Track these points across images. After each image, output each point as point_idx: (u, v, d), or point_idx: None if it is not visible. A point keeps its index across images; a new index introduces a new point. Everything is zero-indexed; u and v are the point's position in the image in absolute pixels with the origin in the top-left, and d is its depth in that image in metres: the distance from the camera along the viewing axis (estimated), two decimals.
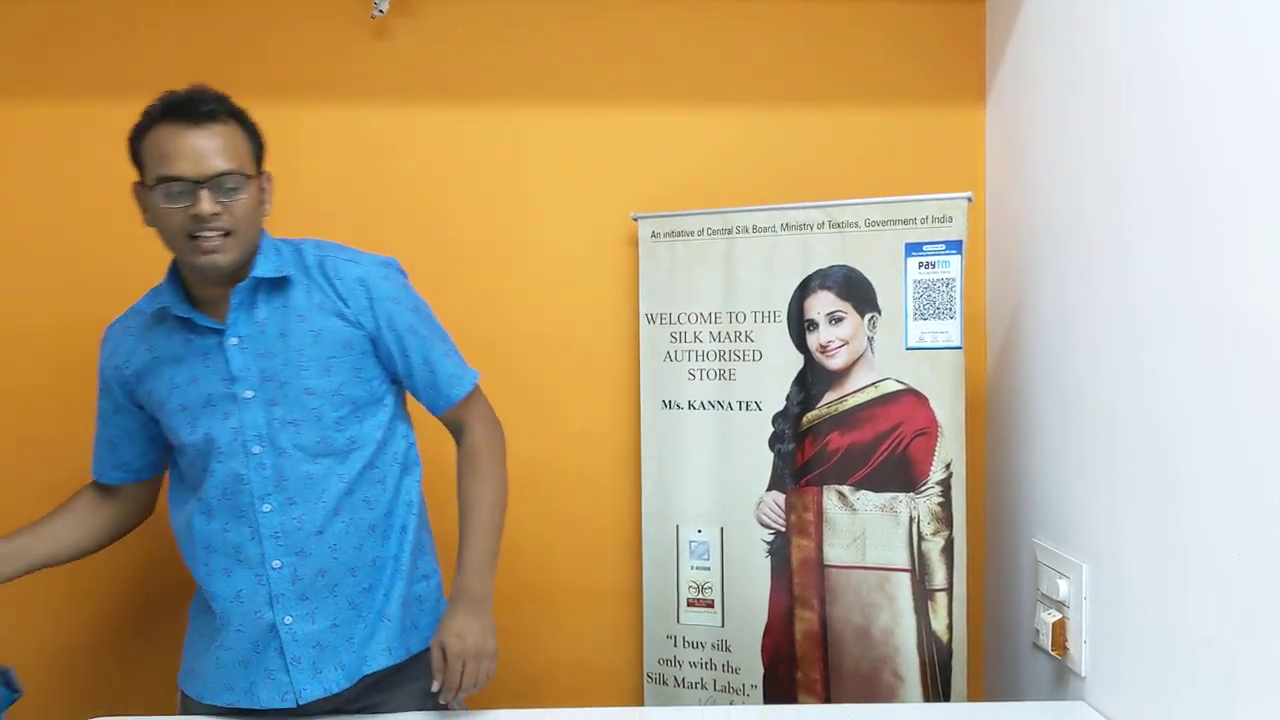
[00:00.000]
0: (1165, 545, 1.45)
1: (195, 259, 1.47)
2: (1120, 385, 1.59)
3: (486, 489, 1.65)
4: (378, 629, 1.59)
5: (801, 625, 2.02)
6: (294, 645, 1.54)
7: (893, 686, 1.95)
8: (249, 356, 1.53)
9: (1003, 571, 2.11)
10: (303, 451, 1.54)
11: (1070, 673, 1.75)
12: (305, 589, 1.54)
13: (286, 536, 1.53)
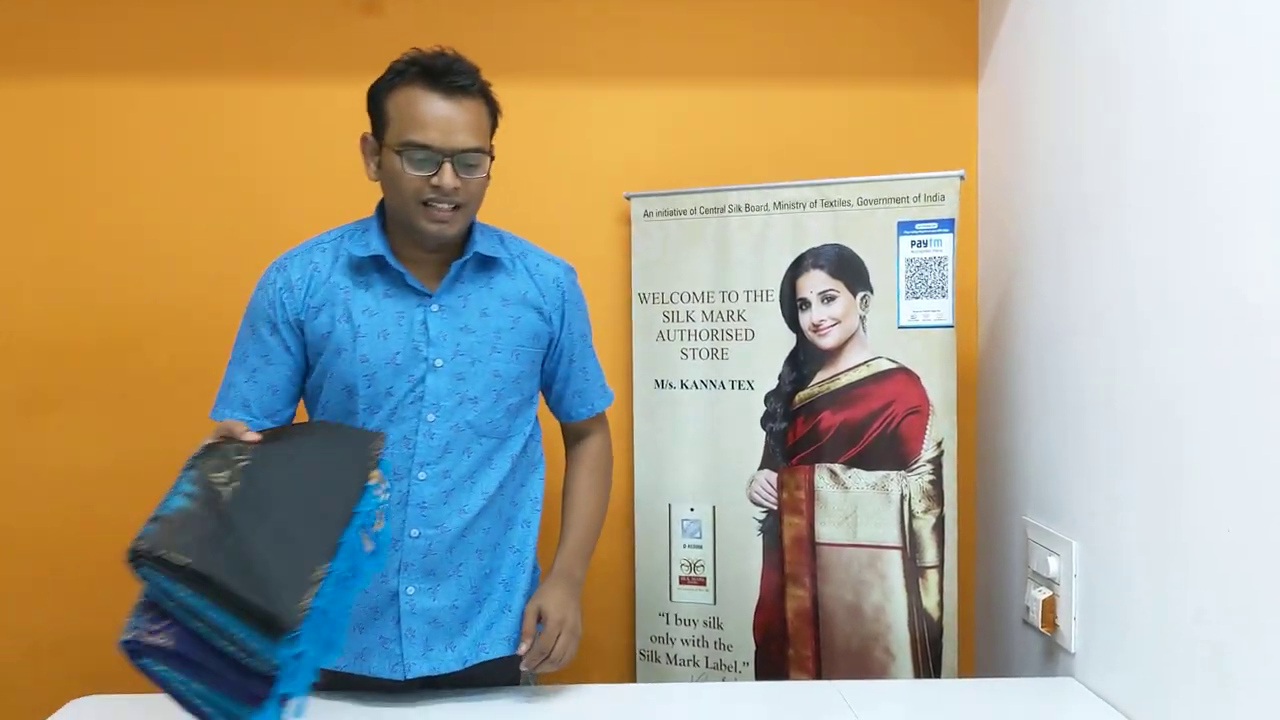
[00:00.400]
0: (1155, 522, 1.46)
1: (424, 225, 1.47)
2: (1111, 364, 1.59)
3: (602, 488, 1.73)
4: (498, 620, 1.60)
5: (793, 603, 2.03)
6: (411, 617, 1.53)
7: (884, 663, 1.97)
8: (448, 327, 1.52)
9: (993, 549, 2.12)
10: (473, 430, 1.54)
11: (1060, 649, 1.76)
12: (434, 564, 1.54)
13: (431, 509, 1.53)
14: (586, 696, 1.59)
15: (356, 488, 1.26)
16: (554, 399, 1.70)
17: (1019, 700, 1.59)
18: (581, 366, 1.68)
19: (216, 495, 1.19)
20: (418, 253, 1.53)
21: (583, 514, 1.68)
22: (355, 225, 1.58)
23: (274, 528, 1.17)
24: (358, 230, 1.56)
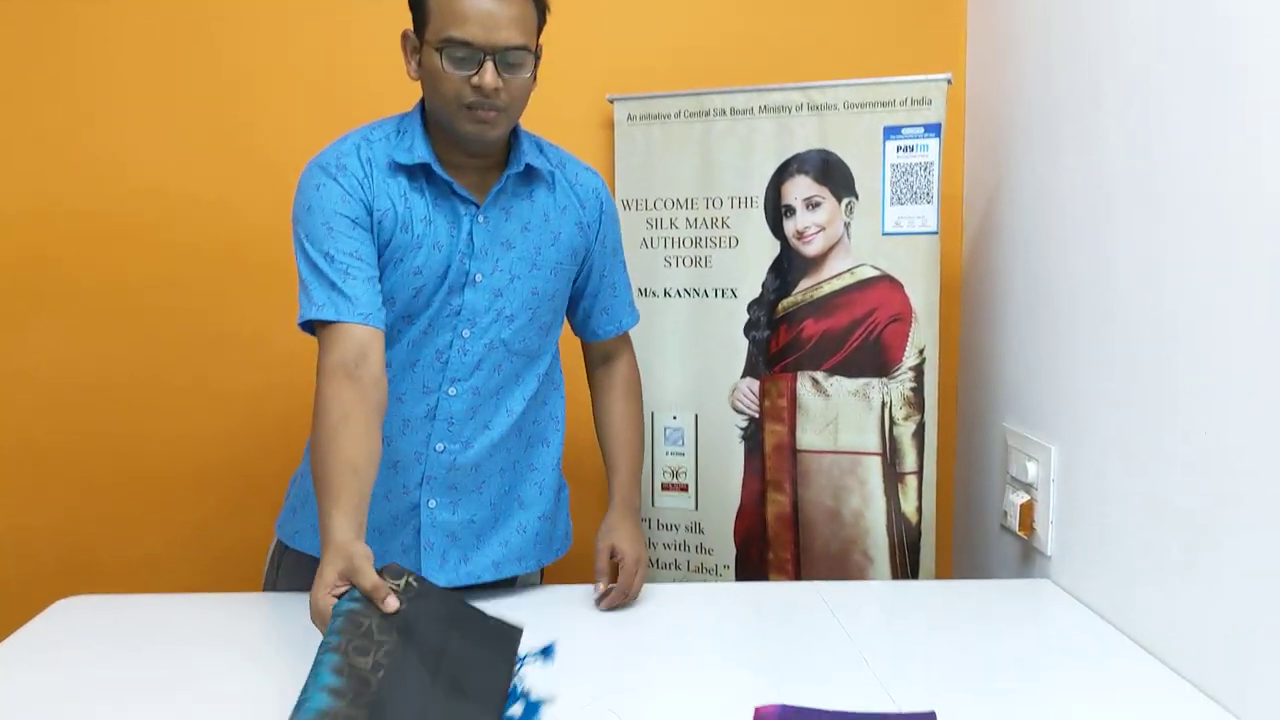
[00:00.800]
0: (1133, 427, 1.48)
1: (466, 128, 1.39)
2: (1091, 270, 1.59)
3: (640, 414, 1.71)
4: (514, 539, 1.60)
5: (773, 508, 2.06)
6: (430, 530, 1.53)
7: (862, 566, 2.00)
8: (491, 241, 1.47)
9: (973, 455, 2.15)
10: (506, 348, 1.51)
11: (1036, 552, 1.79)
12: (457, 479, 1.53)
13: (458, 424, 1.51)
14: (571, 595, 1.61)
15: (502, 689, 1.16)
16: (580, 316, 1.65)
17: (995, 600, 1.62)
18: (612, 283, 1.64)
19: (365, 685, 1.05)
20: (461, 157, 1.46)
21: (628, 443, 1.66)
22: (390, 124, 1.48)
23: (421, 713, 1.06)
24: (395, 132, 1.47)
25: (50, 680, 1.30)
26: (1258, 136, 1.20)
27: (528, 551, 1.62)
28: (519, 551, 1.61)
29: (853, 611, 1.54)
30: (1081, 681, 1.30)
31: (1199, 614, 1.31)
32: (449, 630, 1.15)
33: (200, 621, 1.48)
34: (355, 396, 1.32)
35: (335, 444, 1.28)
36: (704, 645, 1.43)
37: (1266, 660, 1.18)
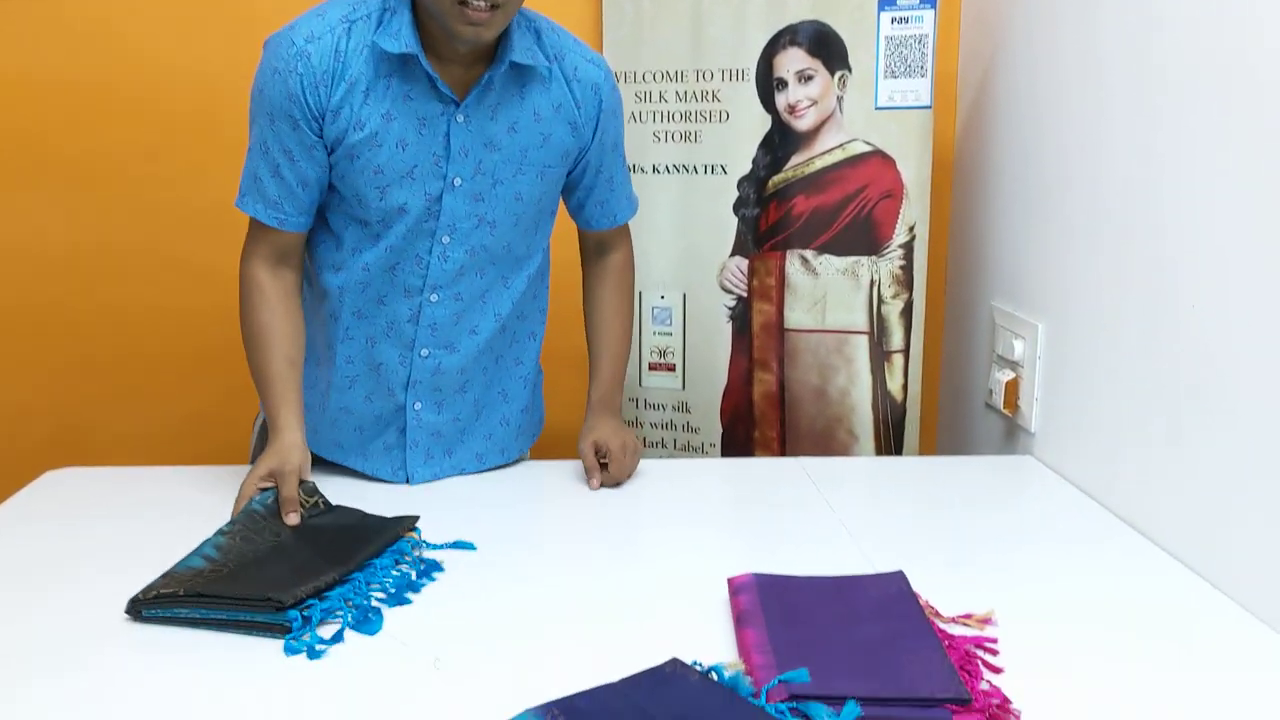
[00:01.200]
0: (1120, 302, 1.47)
1: (458, 27, 1.28)
2: (1084, 147, 1.57)
3: (629, 310, 1.65)
4: (495, 431, 1.60)
5: (760, 387, 2.06)
6: (416, 430, 1.53)
7: (846, 444, 2.01)
8: (471, 142, 1.40)
9: (960, 334, 2.15)
10: (489, 254, 1.47)
11: (1020, 429, 1.80)
12: (442, 382, 1.52)
13: (443, 330, 1.49)
14: (559, 471, 1.62)
15: (389, 537, 1.28)
16: (574, 205, 1.60)
17: (978, 476, 1.63)
18: (609, 176, 1.57)
19: (242, 558, 1.20)
20: (448, 49, 1.35)
21: (613, 340, 1.62)
22: (377, 1, 1.36)
23: (289, 566, 1.18)
24: (381, 10, 1.35)
25: (36, 550, 1.30)
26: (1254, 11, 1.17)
27: (510, 443, 1.63)
28: (501, 444, 1.62)
29: (836, 486, 1.55)
30: (1061, 553, 1.33)
31: (1180, 488, 1.32)
32: (342, 527, 1.30)
33: (189, 493, 1.49)
34: (277, 289, 1.44)
35: (270, 339, 1.42)
36: (683, 518, 1.44)
37: (1244, 533, 1.19)
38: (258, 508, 1.30)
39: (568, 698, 0.91)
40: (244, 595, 1.09)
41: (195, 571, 1.15)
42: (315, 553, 1.21)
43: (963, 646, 1.03)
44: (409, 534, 1.31)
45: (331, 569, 1.17)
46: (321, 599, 1.12)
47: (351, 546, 1.23)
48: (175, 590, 1.09)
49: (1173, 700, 0.97)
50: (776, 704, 0.90)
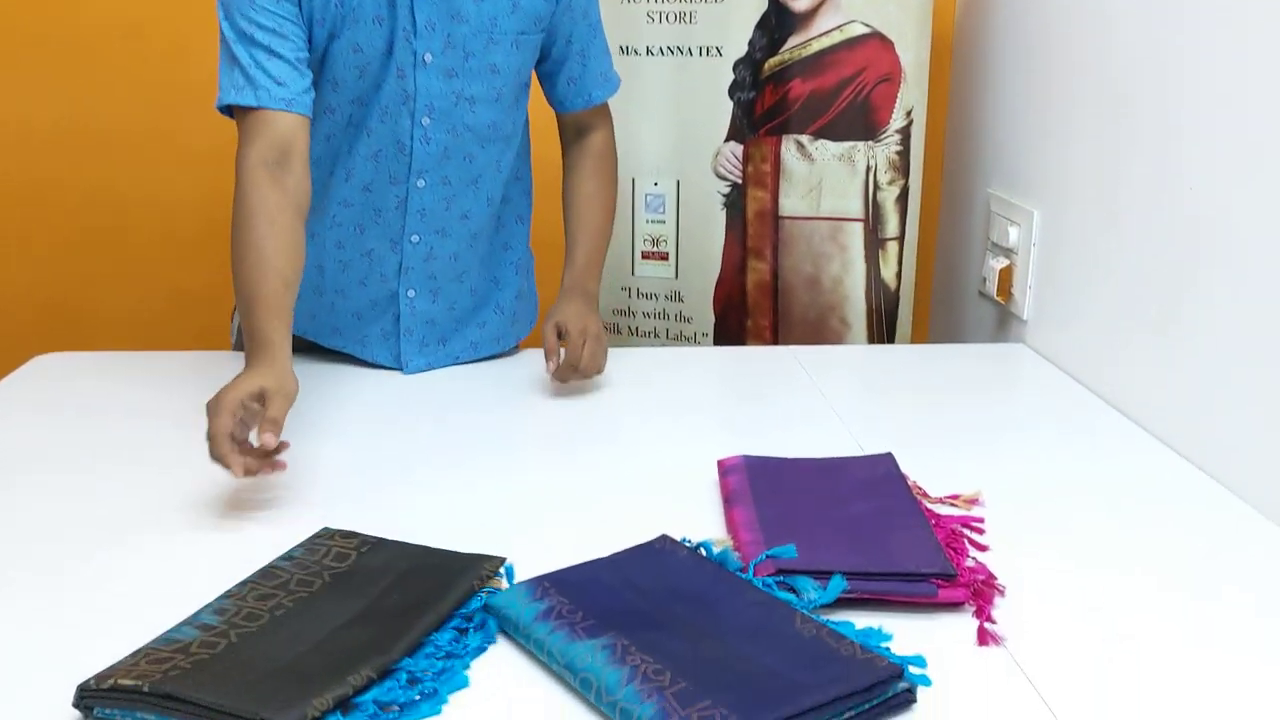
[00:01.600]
0: (1117, 186, 1.45)
1: None
2: (1088, 29, 1.53)
3: (608, 191, 1.58)
4: (490, 320, 1.59)
5: (753, 275, 2.05)
6: (410, 318, 1.51)
7: (839, 332, 2.01)
8: (437, 14, 1.34)
9: (956, 221, 2.13)
10: (473, 133, 1.42)
11: (1013, 317, 1.80)
12: (436, 269, 1.50)
13: (432, 215, 1.45)
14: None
15: (462, 592, 0.89)
16: (546, 83, 1.54)
17: (970, 363, 1.63)
18: (580, 50, 1.50)
19: (250, 620, 0.84)
20: None
21: (590, 225, 1.56)
22: None
23: (310, 644, 0.81)
24: None
25: (25, 436, 1.30)
26: None
27: (505, 331, 1.62)
28: (496, 332, 1.61)
29: (828, 373, 1.55)
30: (1050, 438, 1.33)
31: (1170, 373, 1.32)
32: (399, 572, 0.92)
33: (179, 377, 1.48)
34: (280, 200, 1.26)
35: (264, 254, 1.23)
36: (674, 405, 1.44)
37: (1232, 418, 1.20)
38: (281, 563, 0.93)
39: (558, 572, 0.92)
40: (225, 706, 0.72)
41: (177, 650, 0.78)
42: (354, 621, 0.84)
43: (949, 525, 1.04)
44: (490, 582, 0.94)
45: (369, 658, 0.78)
46: (346, 711, 0.75)
47: (408, 613, 0.85)
48: (138, 684, 0.74)
49: (1157, 577, 0.98)
50: (764, 578, 0.91)
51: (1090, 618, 0.90)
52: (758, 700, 0.73)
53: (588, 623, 0.84)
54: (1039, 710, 0.78)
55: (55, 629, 0.88)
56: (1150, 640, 0.87)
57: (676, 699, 0.73)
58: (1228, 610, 0.92)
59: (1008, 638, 0.87)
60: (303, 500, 1.13)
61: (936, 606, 0.91)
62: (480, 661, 0.84)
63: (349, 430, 1.33)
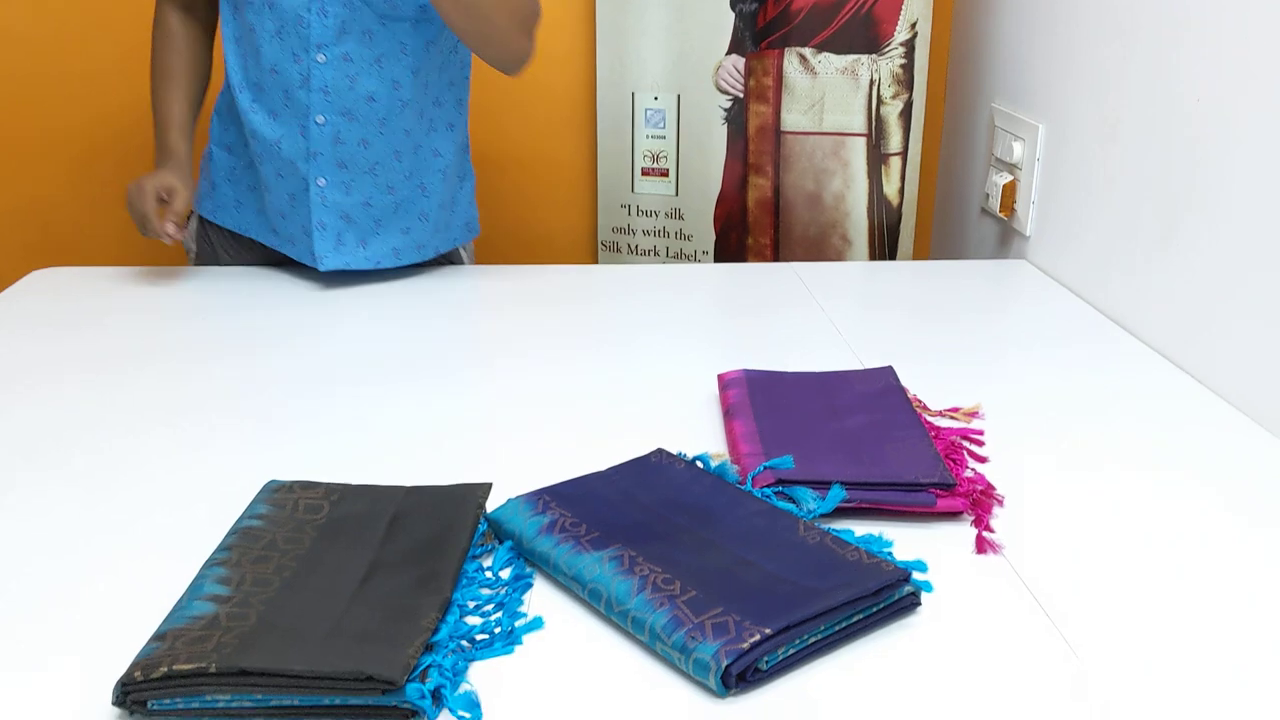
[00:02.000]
0: (1122, 100, 1.43)
1: None
2: None
3: None
4: (413, 226, 1.57)
5: (754, 192, 2.03)
6: (321, 209, 1.50)
7: (840, 249, 2.00)
8: None
9: (959, 136, 2.10)
10: (369, 8, 1.41)
11: (1015, 233, 1.78)
12: (345, 156, 1.48)
13: (336, 94, 1.44)
14: (545, 276, 1.61)
15: (454, 565, 0.82)
16: None
17: (972, 280, 1.62)
18: None
19: (264, 587, 0.79)
20: None
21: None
22: None
23: (348, 598, 0.78)
24: None
25: (25, 351, 1.30)
26: None
27: (427, 240, 1.60)
28: (419, 240, 1.59)
29: (829, 290, 1.55)
30: (1051, 353, 1.33)
31: (1172, 288, 1.31)
32: (387, 517, 0.89)
33: (174, 291, 1.48)
34: (186, 32, 1.53)
35: (172, 81, 1.52)
36: (674, 320, 1.44)
37: (1233, 332, 1.19)
38: (255, 523, 0.87)
39: (555, 485, 0.92)
40: (322, 671, 0.67)
41: (208, 626, 0.73)
42: (374, 572, 0.81)
43: (948, 437, 1.04)
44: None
45: (422, 601, 0.76)
46: (430, 649, 0.73)
47: (430, 553, 0.83)
48: (202, 665, 0.68)
49: (1156, 489, 0.98)
50: (763, 489, 0.92)
51: (1088, 528, 0.91)
52: (768, 606, 0.73)
53: (592, 535, 0.84)
54: (1036, 616, 0.79)
55: (61, 538, 0.89)
56: (1149, 549, 0.88)
57: (688, 607, 0.74)
58: (1226, 521, 0.93)
59: (1006, 546, 0.88)
60: (301, 414, 1.13)
61: (935, 516, 0.92)
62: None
63: (307, 345, 1.33)
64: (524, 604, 0.81)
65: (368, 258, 1.55)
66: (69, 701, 0.70)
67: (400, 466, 0.98)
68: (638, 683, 0.72)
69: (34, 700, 0.70)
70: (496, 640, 0.76)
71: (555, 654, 0.76)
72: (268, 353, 1.30)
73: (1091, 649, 0.75)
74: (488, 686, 0.71)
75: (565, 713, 0.69)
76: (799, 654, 0.73)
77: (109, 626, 0.77)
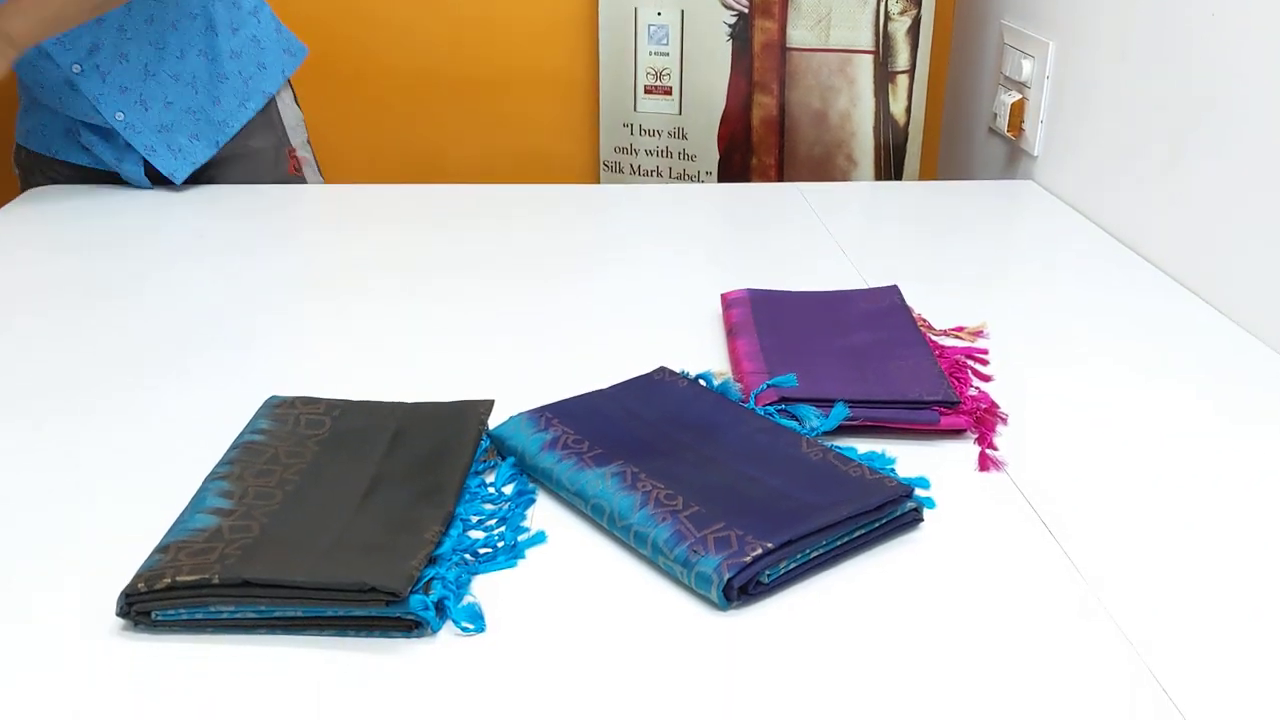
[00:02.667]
0: (1134, 16, 1.40)
1: None
2: None
3: None
4: (219, 90, 1.53)
5: (759, 111, 2.00)
6: (139, 136, 1.48)
7: (845, 170, 1.97)
8: None
9: (967, 54, 2.06)
10: None
11: (1023, 153, 1.76)
12: (118, 80, 1.45)
13: (71, 37, 1.40)
14: (546, 195, 1.59)
15: (455, 479, 0.81)
16: None
17: (979, 200, 1.61)
18: None
19: (267, 499, 0.78)
20: None
21: None
22: None
23: (351, 511, 0.77)
24: None
25: (22, 270, 1.29)
26: None
27: (244, 92, 1.56)
28: (239, 99, 1.55)
29: (834, 210, 1.53)
30: (1057, 273, 1.32)
31: (1180, 209, 1.30)
32: (390, 432, 0.88)
33: (173, 210, 1.46)
34: None
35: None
36: (677, 240, 1.43)
37: (1239, 250, 1.18)
38: (257, 438, 0.86)
39: (558, 402, 0.92)
40: (323, 582, 0.68)
41: (211, 539, 0.72)
42: (376, 487, 0.81)
43: (953, 356, 1.03)
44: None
45: (425, 515, 0.76)
46: (433, 562, 0.72)
47: (432, 468, 0.83)
48: (204, 577, 0.68)
49: (1160, 407, 0.98)
50: (766, 406, 0.91)
51: (1092, 445, 0.91)
52: (771, 521, 0.73)
53: (595, 451, 0.84)
54: (1038, 531, 0.79)
55: (61, 454, 0.89)
56: (1153, 465, 0.88)
57: (691, 521, 0.74)
58: (1230, 436, 0.92)
59: (1009, 463, 0.87)
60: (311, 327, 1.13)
61: (938, 434, 0.91)
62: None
63: (282, 262, 1.32)
64: (527, 519, 0.81)
65: (209, 145, 1.53)
66: (73, 614, 0.70)
67: (401, 384, 0.98)
68: (640, 596, 0.73)
69: (38, 615, 0.70)
70: (499, 554, 0.77)
71: (558, 568, 0.76)
72: (262, 262, 1.29)
73: (1094, 565, 0.75)
74: (491, 600, 0.71)
75: (568, 625, 0.70)
76: (801, 568, 0.73)
77: (111, 541, 0.77)
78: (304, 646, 0.68)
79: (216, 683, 0.64)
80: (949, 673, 0.65)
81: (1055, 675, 0.65)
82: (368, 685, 0.64)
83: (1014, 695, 0.63)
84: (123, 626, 0.69)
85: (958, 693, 0.64)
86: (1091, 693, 0.63)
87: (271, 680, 0.65)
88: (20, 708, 0.62)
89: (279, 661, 0.66)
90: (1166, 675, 0.65)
